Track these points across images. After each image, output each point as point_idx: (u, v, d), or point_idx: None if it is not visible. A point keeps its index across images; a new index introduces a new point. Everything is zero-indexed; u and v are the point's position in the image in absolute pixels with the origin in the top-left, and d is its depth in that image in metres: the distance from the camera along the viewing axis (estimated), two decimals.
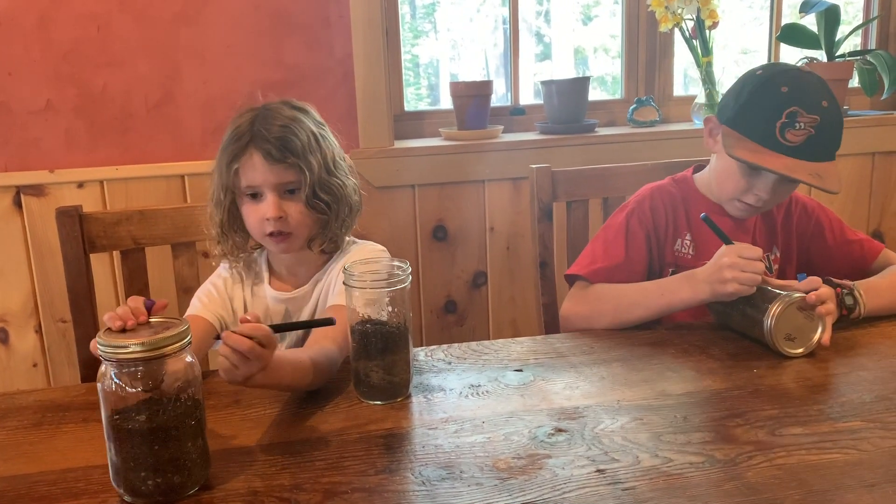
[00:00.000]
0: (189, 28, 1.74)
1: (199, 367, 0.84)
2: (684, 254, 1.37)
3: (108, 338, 0.77)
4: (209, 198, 1.24)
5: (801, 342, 1.12)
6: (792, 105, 1.20)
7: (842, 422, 0.91)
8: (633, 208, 1.37)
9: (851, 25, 2.13)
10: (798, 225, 1.40)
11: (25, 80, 1.71)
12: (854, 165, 2.07)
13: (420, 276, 1.93)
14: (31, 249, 1.76)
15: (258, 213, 1.17)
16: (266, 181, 1.15)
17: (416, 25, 2.35)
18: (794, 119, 1.20)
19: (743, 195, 1.30)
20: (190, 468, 0.80)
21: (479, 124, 1.96)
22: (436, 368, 1.12)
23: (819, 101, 1.21)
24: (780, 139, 1.21)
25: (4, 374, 1.82)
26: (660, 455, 0.85)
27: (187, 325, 0.81)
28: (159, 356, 0.77)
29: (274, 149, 1.14)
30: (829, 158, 1.24)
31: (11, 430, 0.97)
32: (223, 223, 1.22)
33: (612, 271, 1.31)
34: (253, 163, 1.15)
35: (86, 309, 1.36)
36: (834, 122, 1.23)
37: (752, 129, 1.24)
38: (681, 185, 1.41)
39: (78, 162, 1.76)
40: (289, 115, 1.18)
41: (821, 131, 1.21)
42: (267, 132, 1.15)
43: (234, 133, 1.18)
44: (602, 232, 1.39)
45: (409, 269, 1.01)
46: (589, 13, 2.47)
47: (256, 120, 1.17)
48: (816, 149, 1.21)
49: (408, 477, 0.82)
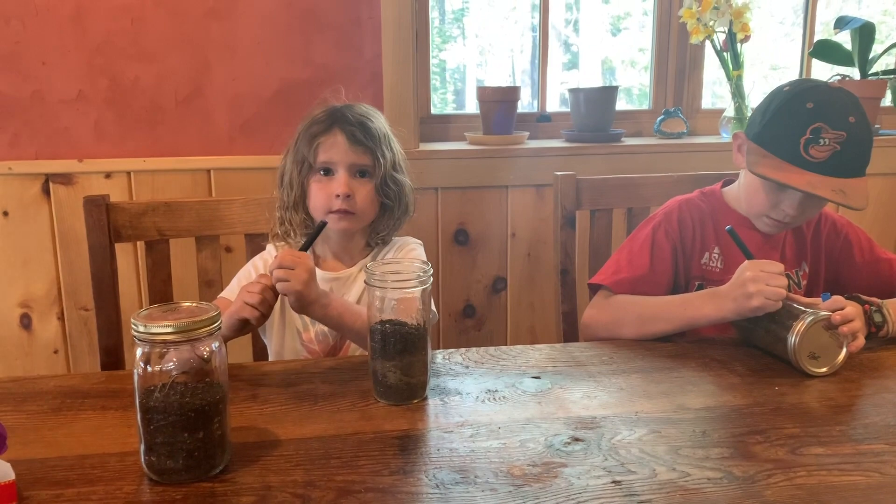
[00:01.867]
0: (220, 24, 1.76)
1: (226, 352, 0.86)
2: (712, 267, 1.35)
3: (142, 321, 0.80)
4: (277, 182, 1.34)
5: (826, 361, 1.10)
6: (817, 121, 1.19)
7: (865, 444, 0.89)
8: (661, 220, 1.36)
9: (885, 44, 2.10)
10: (827, 241, 1.39)
11: (58, 70, 1.73)
12: (885, 185, 2.04)
13: (440, 279, 1.93)
14: (58, 237, 1.79)
15: (328, 190, 1.26)
16: (343, 160, 1.26)
17: (445, 30, 2.36)
18: (818, 135, 1.19)
19: (770, 211, 1.29)
20: (214, 449, 0.83)
21: (505, 130, 1.96)
22: (453, 372, 1.12)
23: (846, 117, 1.20)
24: (803, 155, 1.20)
25: (26, 360, 1.84)
26: (677, 469, 0.83)
27: (217, 311, 0.83)
28: (190, 339, 0.80)
29: (357, 131, 1.26)
30: (857, 174, 1.22)
31: (31, 415, 0.98)
32: (295, 201, 1.30)
33: (636, 282, 1.30)
34: (335, 140, 1.26)
35: (109, 297, 1.38)
36: (862, 139, 1.21)
37: (776, 145, 1.24)
38: (709, 198, 1.40)
39: (106, 152, 1.78)
40: (367, 109, 1.32)
41: (846, 147, 1.19)
42: (352, 117, 1.27)
43: (318, 116, 1.29)
44: (628, 243, 1.38)
45: (431, 270, 1.01)
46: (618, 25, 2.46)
47: (341, 108, 1.30)
48: (842, 165, 1.20)
49: (422, 479, 0.82)
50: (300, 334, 1.30)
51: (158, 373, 0.81)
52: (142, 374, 0.81)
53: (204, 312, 0.82)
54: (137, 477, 0.82)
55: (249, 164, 1.80)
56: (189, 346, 0.81)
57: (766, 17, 2.25)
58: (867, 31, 2.00)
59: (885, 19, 2.39)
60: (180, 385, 0.81)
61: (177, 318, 0.80)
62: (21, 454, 0.86)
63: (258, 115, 1.81)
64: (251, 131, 1.81)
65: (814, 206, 1.28)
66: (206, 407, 0.81)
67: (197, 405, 0.81)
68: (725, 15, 1.88)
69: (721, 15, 1.88)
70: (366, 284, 1.00)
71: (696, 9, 1.89)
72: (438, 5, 2.14)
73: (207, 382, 0.83)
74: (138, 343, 0.81)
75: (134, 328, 0.80)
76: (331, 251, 1.34)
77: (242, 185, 1.79)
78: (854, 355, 1.13)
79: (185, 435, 0.81)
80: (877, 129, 2.04)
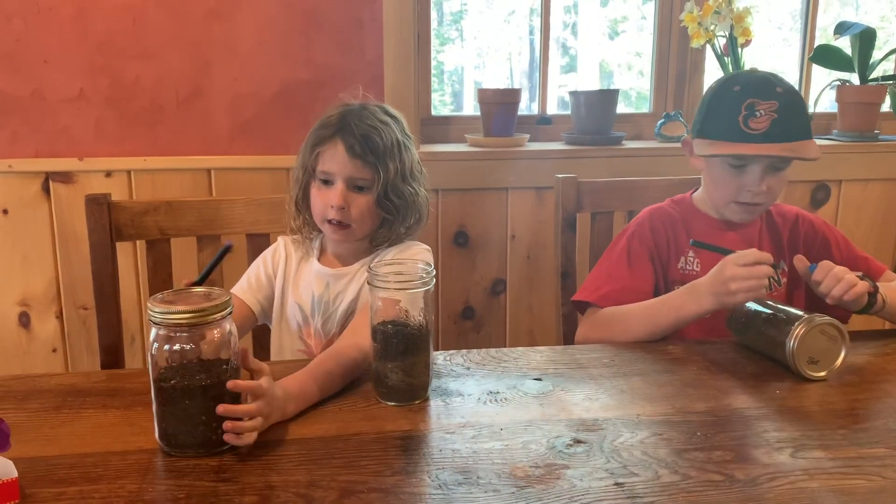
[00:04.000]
0: (221, 24, 1.76)
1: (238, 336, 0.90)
2: (690, 271, 1.38)
3: (158, 304, 0.85)
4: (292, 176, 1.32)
5: (824, 365, 1.11)
6: (747, 98, 1.27)
7: (866, 448, 0.90)
8: (634, 231, 1.40)
9: (884, 50, 2.11)
10: (805, 239, 1.42)
11: (60, 68, 1.73)
12: (883, 190, 2.05)
13: (439, 280, 1.93)
14: (57, 235, 1.78)
15: (324, 199, 1.24)
16: (341, 171, 1.23)
17: (443, 32, 2.36)
18: (752, 109, 1.27)
19: (737, 195, 1.33)
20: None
21: (505, 132, 1.96)
22: (454, 373, 1.12)
23: (772, 89, 1.27)
24: (745, 130, 1.27)
25: (24, 358, 1.84)
26: (679, 471, 0.84)
27: (229, 296, 0.89)
28: (203, 322, 0.85)
29: (357, 144, 1.21)
30: (802, 137, 1.28)
31: (33, 413, 0.98)
32: (298, 200, 1.30)
33: (620, 294, 1.33)
34: (335, 151, 1.23)
35: (109, 296, 1.38)
36: (795, 102, 1.29)
37: (718, 130, 1.31)
38: (680, 205, 1.44)
39: (107, 151, 1.77)
40: (381, 119, 1.25)
41: (783, 113, 1.26)
42: (356, 128, 1.22)
43: (326, 120, 1.26)
44: (605, 256, 1.41)
45: (434, 271, 1.01)
46: (616, 28, 2.46)
47: (350, 114, 1.24)
48: (784, 130, 1.26)
49: (424, 480, 0.82)
50: (301, 328, 1.31)
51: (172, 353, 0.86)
52: (156, 355, 0.86)
53: (216, 297, 0.88)
54: (139, 476, 0.82)
55: (249, 164, 1.80)
56: (202, 328, 0.86)
57: (763, 21, 2.25)
58: (867, 36, 2.01)
59: (883, 25, 2.39)
60: (194, 364, 0.86)
61: (191, 303, 0.86)
62: (22, 452, 0.86)
63: (259, 116, 1.81)
64: (251, 131, 1.81)
65: (775, 181, 1.31)
66: (219, 385, 0.86)
67: (209, 383, 0.86)
68: (726, 19, 1.88)
69: (722, 19, 1.88)
70: (368, 285, 1.00)
71: (698, 13, 1.90)
72: (437, 7, 2.14)
73: (219, 361, 0.87)
74: (154, 325, 0.86)
75: (151, 311, 0.85)
76: (335, 249, 1.33)
77: (242, 186, 1.79)
78: (854, 359, 1.14)
79: (198, 412, 0.85)
80: (876, 135, 2.05)
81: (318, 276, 1.30)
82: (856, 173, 2.01)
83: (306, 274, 1.32)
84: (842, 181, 2.03)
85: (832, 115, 2.15)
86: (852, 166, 2.01)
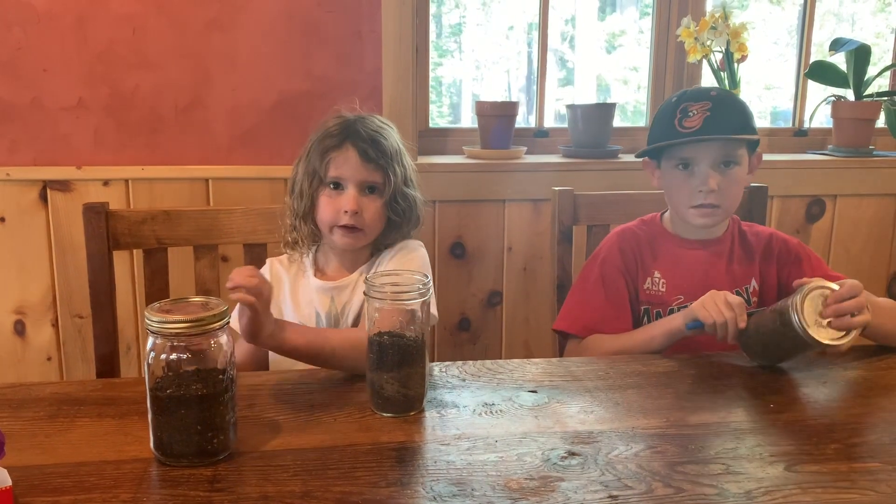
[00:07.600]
0: (221, 35, 1.77)
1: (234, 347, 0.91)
2: (655, 291, 1.39)
3: (155, 313, 0.86)
4: (288, 191, 1.33)
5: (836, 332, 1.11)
6: (682, 103, 1.33)
7: (860, 462, 0.90)
8: (605, 255, 1.42)
9: (878, 66, 2.12)
10: (779, 257, 1.42)
11: (59, 77, 1.73)
12: (878, 206, 2.06)
13: (435, 292, 1.93)
14: (54, 244, 1.78)
15: (336, 205, 1.26)
16: (354, 176, 1.25)
17: (442, 45, 2.37)
18: (686, 111, 1.32)
19: (692, 199, 1.35)
20: (220, 436, 0.87)
21: (502, 144, 1.97)
22: (450, 385, 1.12)
23: (706, 93, 1.33)
24: (679, 129, 1.31)
25: (19, 367, 1.83)
26: (673, 485, 0.84)
27: (226, 306, 0.89)
28: (200, 332, 0.86)
29: (370, 148, 1.25)
30: (741, 132, 1.32)
31: (27, 421, 0.98)
32: (304, 212, 1.29)
33: (598, 323, 1.35)
34: (347, 156, 1.25)
35: (105, 305, 1.38)
36: (730, 100, 1.33)
37: (658, 136, 1.37)
38: (649, 225, 1.46)
39: (105, 160, 1.78)
40: (381, 124, 1.31)
41: (716, 111, 1.30)
42: (364, 132, 1.26)
43: (331, 129, 1.28)
44: (580, 283, 1.42)
45: (430, 282, 1.02)
46: (613, 42, 2.48)
47: (354, 122, 1.28)
48: (719, 124, 1.29)
49: (419, 491, 0.82)
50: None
51: (168, 362, 0.86)
52: (152, 364, 0.86)
53: (214, 307, 0.88)
54: (134, 485, 0.82)
55: (247, 174, 1.80)
56: (199, 338, 0.86)
57: (760, 37, 2.27)
58: (863, 53, 2.02)
59: (877, 42, 2.41)
60: (190, 374, 0.87)
61: (188, 313, 0.86)
62: (17, 461, 0.85)
63: (257, 126, 1.81)
64: (250, 142, 1.82)
65: (728, 179, 1.33)
66: (216, 395, 0.87)
67: (205, 393, 0.86)
68: (723, 35, 1.90)
69: (718, 34, 1.90)
70: (365, 296, 1.00)
71: (694, 28, 1.91)
72: (436, 20, 2.16)
73: (216, 371, 0.88)
74: (151, 334, 0.86)
75: (148, 320, 0.85)
76: (335, 260, 1.33)
77: (240, 195, 1.80)
78: (848, 374, 1.15)
79: (193, 422, 0.86)
80: (871, 150, 2.06)
81: (320, 291, 1.30)
82: (851, 188, 2.03)
83: (304, 291, 1.31)
84: (837, 196, 2.04)
85: (827, 131, 2.17)
86: (847, 182, 2.02)
